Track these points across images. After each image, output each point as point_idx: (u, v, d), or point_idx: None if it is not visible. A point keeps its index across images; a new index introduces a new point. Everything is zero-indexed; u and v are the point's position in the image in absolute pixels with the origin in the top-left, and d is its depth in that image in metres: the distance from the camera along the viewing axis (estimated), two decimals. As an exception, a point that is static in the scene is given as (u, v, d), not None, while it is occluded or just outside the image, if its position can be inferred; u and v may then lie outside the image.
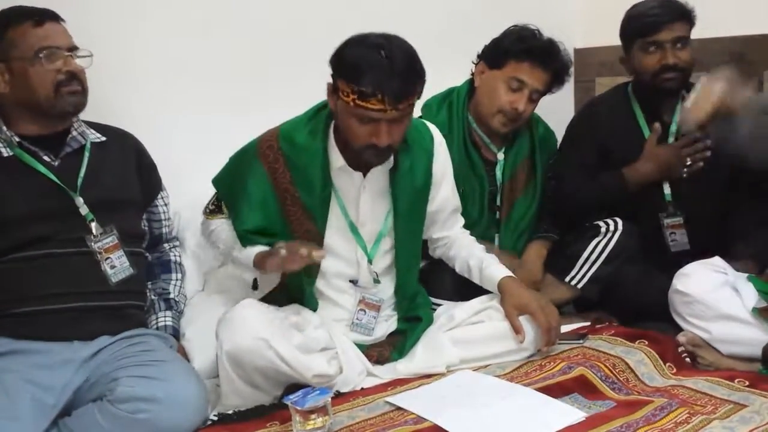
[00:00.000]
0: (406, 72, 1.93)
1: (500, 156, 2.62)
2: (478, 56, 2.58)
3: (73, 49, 1.98)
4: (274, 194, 2.10)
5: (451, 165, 2.32)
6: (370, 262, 2.18)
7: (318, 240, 2.10)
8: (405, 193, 2.16)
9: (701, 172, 2.47)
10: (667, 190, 2.57)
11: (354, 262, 2.18)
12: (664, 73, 2.49)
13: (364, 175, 2.13)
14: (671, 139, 2.56)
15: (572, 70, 2.58)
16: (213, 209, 2.22)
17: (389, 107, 1.91)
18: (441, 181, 2.26)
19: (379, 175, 2.15)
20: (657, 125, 2.53)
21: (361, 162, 2.08)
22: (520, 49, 2.46)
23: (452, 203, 2.33)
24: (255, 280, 2.18)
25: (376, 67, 1.89)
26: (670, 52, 2.47)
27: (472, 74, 2.60)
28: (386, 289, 2.24)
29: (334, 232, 2.14)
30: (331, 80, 2.00)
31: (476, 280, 2.28)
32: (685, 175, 2.49)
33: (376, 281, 2.20)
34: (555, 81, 2.53)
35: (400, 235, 2.18)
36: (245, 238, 2.10)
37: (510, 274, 2.24)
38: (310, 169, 2.08)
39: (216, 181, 2.21)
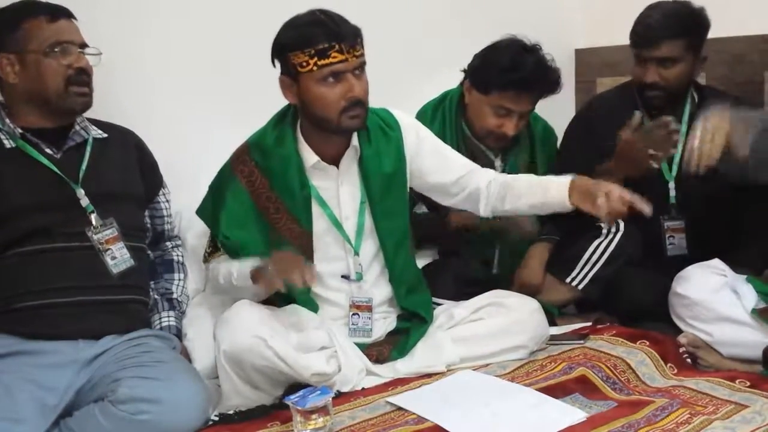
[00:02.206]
0: (345, 21, 2.01)
1: (498, 163, 2.61)
2: (465, 72, 2.54)
3: (84, 46, 2.01)
4: (255, 207, 2.12)
5: (434, 137, 2.28)
6: (356, 254, 2.18)
7: (307, 241, 2.13)
8: (375, 178, 2.17)
9: (709, 175, 2.39)
10: (672, 192, 2.53)
11: (343, 257, 2.19)
12: (646, 88, 2.45)
13: (337, 167, 2.15)
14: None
15: (563, 78, 2.51)
16: (210, 251, 2.21)
17: (348, 54, 1.97)
18: (421, 158, 2.23)
19: (352, 167, 2.17)
20: (637, 113, 2.42)
21: (339, 134, 2.10)
22: (503, 82, 2.40)
23: (463, 165, 2.26)
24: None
25: (320, 25, 1.97)
26: (653, 70, 2.41)
27: (462, 84, 2.58)
28: (380, 287, 2.24)
29: (321, 231, 2.16)
30: (281, 75, 2.06)
31: (539, 192, 2.13)
32: (656, 165, 2.38)
33: (358, 275, 2.19)
34: (545, 95, 2.49)
35: (379, 219, 2.19)
36: (228, 248, 2.13)
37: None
38: (285, 172, 2.10)
39: (199, 211, 2.22)
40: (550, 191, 2.11)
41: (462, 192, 2.25)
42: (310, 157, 2.12)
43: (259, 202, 2.12)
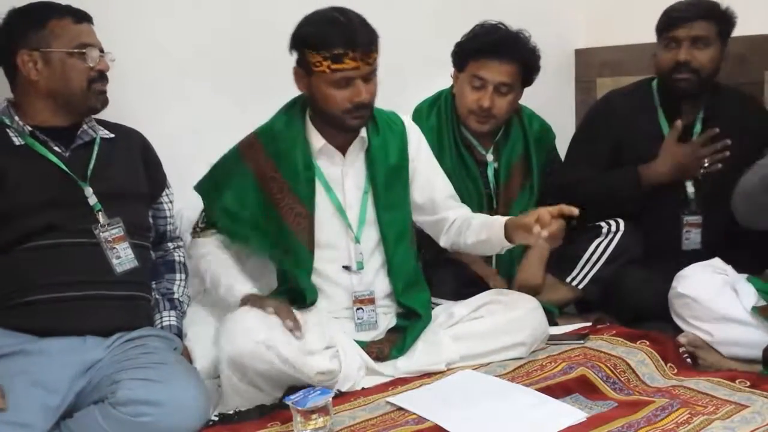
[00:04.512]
0: (364, 26, 2.05)
1: (489, 157, 2.61)
2: (452, 63, 2.58)
3: (102, 50, 2.05)
4: (259, 188, 2.16)
5: (431, 153, 2.35)
6: (357, 242, 2.20)
7: (309, 224, 2.15)
8: (380, 169, 2.20)
9: (722, 172, 2.44)
10: (690, 188, 2.55)
11: (344, 246, 2.21)
12: (677, 71, 2.47)
13: (344, 155, 2.19)
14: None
15: (563, 78, 2.55)
16: (203, 227, 2.22)
17: (362, 62, 2.03)
18: (416, 164, 2.29)
19: (357, 158, 2.21)
20: (678, 122, 2.49)
21: (343, 131, 2.14)
22: (472, 47, 2.48)
23: (443, 190, 2.34)
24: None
25: (339, 30, 2.01)
26: (686, 50, 2.44)
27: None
28: (380, 279, 2.25)
29: (323, 217, 2.18)
30: (296, 65, 2.10)
31: (484, 232, 2.20)
32: (700, 177, 2.48)
33: (359, 264, 2.20)
34: (524, 70, 2.50)
35: (382, 210, 2.21)
36: (224, 225, 2.17)
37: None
38: (291, 153, 2.14)
39: (198, 187, 2.25)
40: (492, 230, 2.18)
41: (433, 215, 2.32)
42: (317, 140, 2.16)
43: (263, 182, 2.15)
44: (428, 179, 2.31)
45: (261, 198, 2.16)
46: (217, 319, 2.14)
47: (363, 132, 2.19)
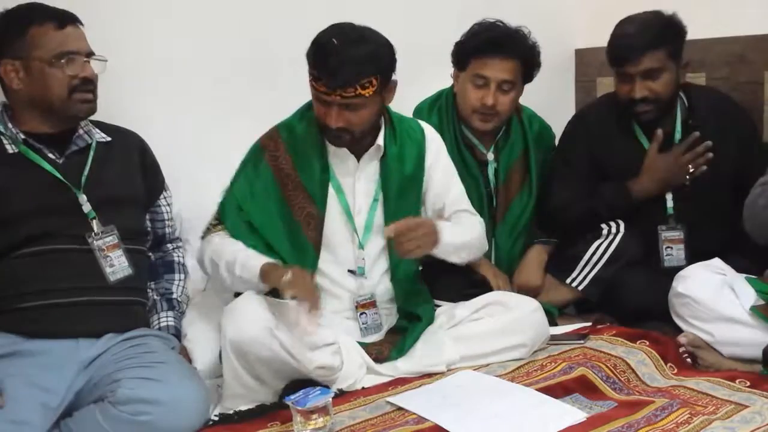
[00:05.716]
0: (349, 63, 1.99)
1: (490, 156, 2.62)
2: (452, 62, 2.58)
3: (89, 54, 2.01)
4: (275, 181, 2.17)
5: (450, 164, 2.37)
6: (361, 247, 2.20)
7: (318, 224, 2.16)
8: (394, 177, 2.21)
9: (706, 182, 2.41)
10: (669, 203, 2.50)
11: (350, 250, 2.22)
12: (635, 105, 2.42)
13: (357, 160, 2.20)
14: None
15: (563, 78, 2.53)
16: (215, 223, 2.20)
17: (334, 93, 2.01)
18: (433, 171, 2.30)
19: (371, 164, 2.22)
20: (659, 132, 2.43)
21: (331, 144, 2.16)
22: (473, 45, 2.48)
23: (453, 203, 2.34)
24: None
25: (324, 54, 2.01)
26: (639, 85, 2.38)
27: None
28: (384, 282, 2.26)
29: (333, 219, 2.19)
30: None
31: None
32: (688, 182, 2.43)
33: (360, 269, 2.21)
34: (525, 67, 2.50)
35: (390, 218, 2.20)
36: (232, 213, 2.15)
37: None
38: (309, 154, 2.16)
39: (222, 197, 2.23)
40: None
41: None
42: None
43: (279, 176, 2.17)
44: (441, 190, 2.32)
45: (275, 192, 2.16)
46: (217, 319, 2.14)
47: (380, 140, 2.19)
